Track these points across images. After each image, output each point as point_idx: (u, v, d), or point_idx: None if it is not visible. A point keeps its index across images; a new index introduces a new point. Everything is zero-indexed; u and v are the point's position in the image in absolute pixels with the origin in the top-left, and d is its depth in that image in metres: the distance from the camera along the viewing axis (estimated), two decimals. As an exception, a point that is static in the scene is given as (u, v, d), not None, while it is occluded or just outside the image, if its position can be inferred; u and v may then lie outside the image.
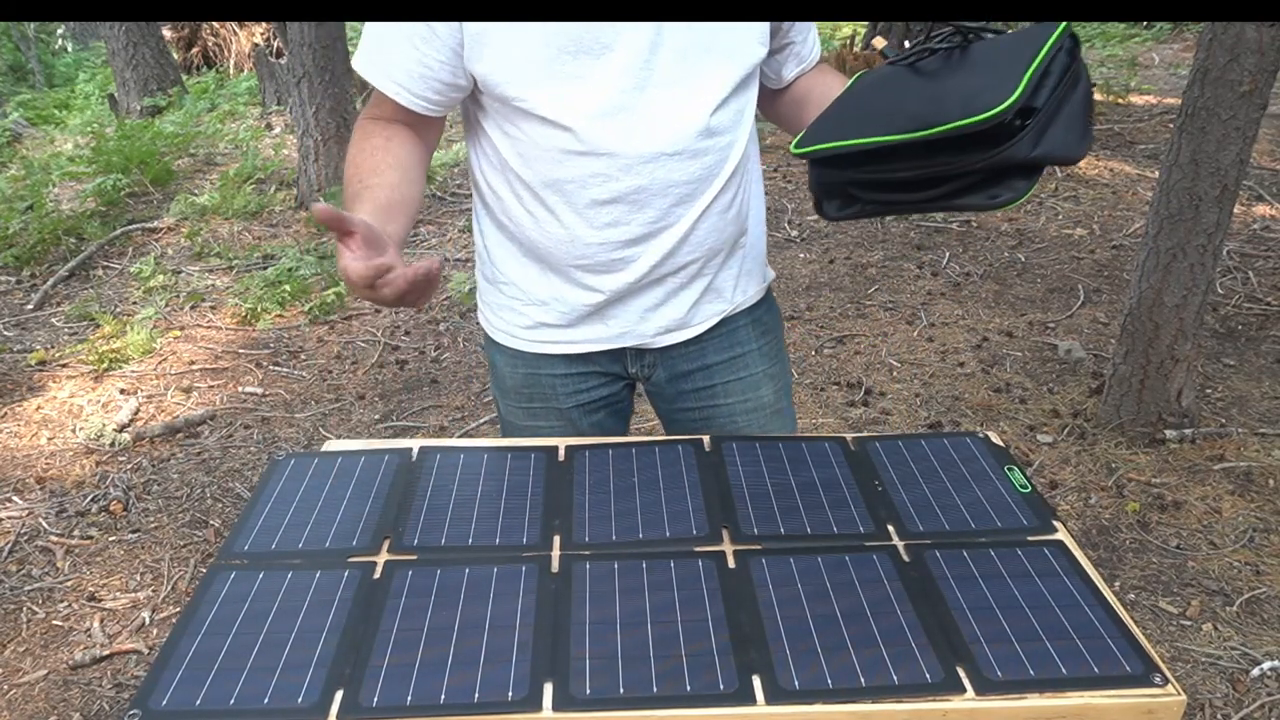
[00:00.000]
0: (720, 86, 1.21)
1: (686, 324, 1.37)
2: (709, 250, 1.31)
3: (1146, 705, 0.88)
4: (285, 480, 1.20)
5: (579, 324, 1.35)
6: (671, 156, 1.20)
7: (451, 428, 3.23)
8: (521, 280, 1.35)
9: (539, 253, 1.30)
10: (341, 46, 5.21)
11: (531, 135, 1.20)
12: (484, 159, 1.30)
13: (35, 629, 2.38)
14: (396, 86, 1.20)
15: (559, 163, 1.20)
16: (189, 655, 0.92)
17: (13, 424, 3.32)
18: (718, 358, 1.42)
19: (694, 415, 1.46)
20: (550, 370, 1.40)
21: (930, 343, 3.65)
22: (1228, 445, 2.86)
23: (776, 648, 0.92)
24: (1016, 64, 1.01)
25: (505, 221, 1.32)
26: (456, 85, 1.21)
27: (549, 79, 1.15)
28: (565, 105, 1.16)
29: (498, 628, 0.95)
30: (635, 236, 1.26)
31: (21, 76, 12.91)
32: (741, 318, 1.43)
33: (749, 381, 1.44)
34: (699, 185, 1.24)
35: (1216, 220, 2.64)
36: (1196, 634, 2.20)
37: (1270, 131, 5.61)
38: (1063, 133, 1.02)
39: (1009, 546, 1.07)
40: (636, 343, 1.37)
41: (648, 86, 1.17)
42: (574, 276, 1.30)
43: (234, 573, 1.03)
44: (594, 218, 1.24)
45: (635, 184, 1.21)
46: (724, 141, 1.24)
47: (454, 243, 4.97)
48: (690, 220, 1.26)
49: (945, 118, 1.01)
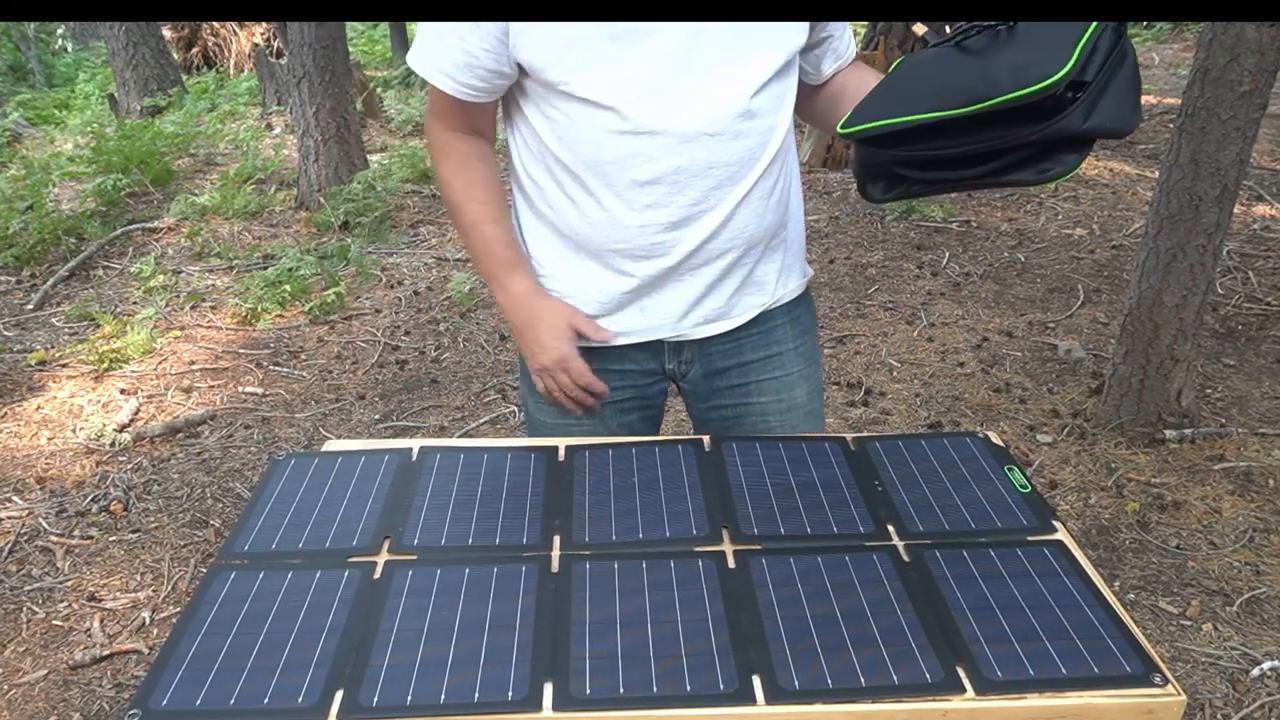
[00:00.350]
0: (762, 70, 1.22)
1: (726, 315, 1.37)
2: (749, 238, 1.32)
3: (1146, 705, 0.88)
4: (285, 480, 1.20)
5: (616, 314, 1.35)
6: (712, 137, 1.21)
7: (451, 428, 3.23)
8: (560, 271, 1.35)
9: (579, 239, 1.31)
10: (341, 46, 5.21)
11: (573, 117, 1.22)
12: (524, 147, 1.32)
13: (35, 629, 2.38)
14: (442, 75, 1.24)
15: (600, 144, 1.22)
16: (189, 655, 0.92)
17: (13, 424, 3.32)
18: (754, 355, 1.42)
19: (727, 414, 1.45)
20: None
21: (930, 343, 3.65)
22: (1228, 445, 2.86)
23: (776, 648, 0.92)
24: (1065, 39, 1.01)
25: (545, 210, 1.33)
26: (501, 73, 1.23)
27: (594, 62, 1.17)
28: (609, 86, 1.18)
29: (498, 628, 0.95)
30: (676, 220, 1.26)
31: (21, 76, 12.91)
32: (780, 315, 1.43)
33: (784, 381, 1.44)
34: (739, 168, 1.25)
35: (1216, 220, 2.64)
36: (1196, 634, 2.20)
37: (1270, 131, 5.61)
38: (1114, 104, 1.02)
39: (1009, 546, 1.07)
40: (674, 334, 1.37)
41: (690, 68, 1.19)
42: (613, 263, 1.31)
43: (234, 573, 1.03)
44: (634, 199, 1.25)
45: (676, 164, 1.22)
46: (764, 125, 1.25)
47: (454, 243, 4.97)
48: (731, 204, 1.27)
49: (997, 90, 1.02)
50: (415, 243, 4.99)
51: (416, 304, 4.26)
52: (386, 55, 10.78)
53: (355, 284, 4.46)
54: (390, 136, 7.21)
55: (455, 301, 4.23)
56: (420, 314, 4.15)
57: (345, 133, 5.28)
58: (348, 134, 5.30)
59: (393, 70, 9.68)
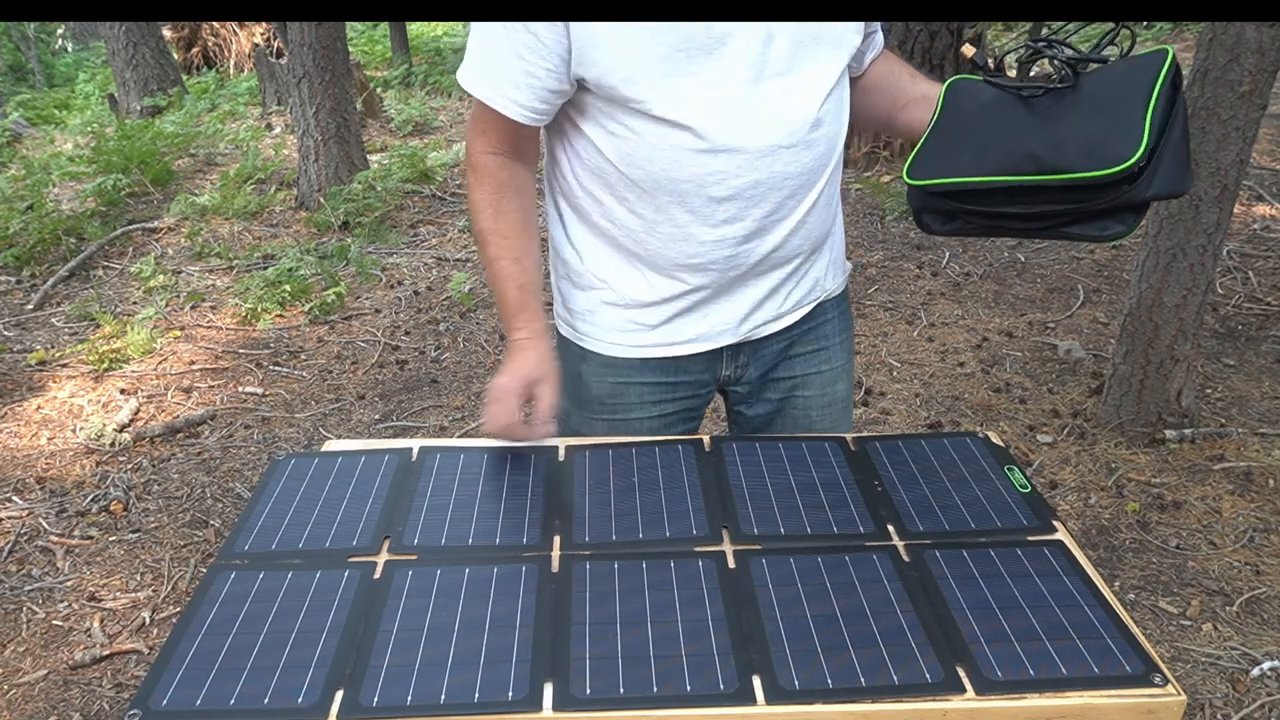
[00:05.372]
0: (828, 77, 1.21)
1: (783, 314, 1.37)
2: (814, 241, 1.32)
3: (1146, 705, 0.88)
4: (285, 480, 1.20)
5: (679, 323, 1.33)
6: (787, 149, 1.20)
7: (451, 428, 3.23)
8: (620, 284, 1.32)
9: (646, 255, 1.28)
10: (341, 46, 5.21)
11: (645, 135, 1.18)
12: (578, 162, 1.27)
13: (35, 629, 2.38)
14: (505, 100, 1.19)
15: (676, 162, 1.18)
16: (189, 655, 0.92)
17: (13, 424, 3.32)
18: (803, 349, 1.42)
19: (770, 409, 1.44)
20: (641, 379, 1.37)
21: (930, 343, 3.65)
22: (1228, 445, 2.86)
23: (776, 648, 0.92)
24: (1133, 104, 1.01)
25: (605, 224, 1.28)
26: (561, 92, 1.19)
27: (665, 78, 1.13)
28: (683, 104, 1.15)
29: (498, 628, 0.95)
30: (750, 232, 1.25)
31: (21, 76, 12.91)
32: (830, 309, 1.42)
33: (829, 375, 1.44)
34: (810, 176, 1.24)
35: (1216, 220, 2.64)
36: (1196, 634, 2.20)
37: (1270, 131, 5.61)
38: (1171, 168, 1.02)
39: (1009, 546, 1.08)
40: (735, 339, 1.35)
41: (762, 79, 1.16)
42: (681, 275, 1.28)
43: (234, 573, 1.03)
44: (710, 215, 1.22)
45: (753, 179, 1.20)
46: (832, 131, 1.25)
47: (454, 243, 4.97)
48: (802, 212, 1.26)
49: (1066, 165, 1.02)
50: (415, 243, 4.99)
51: (416, 304, 4.26)
52: (386, 55, 10.78)
53: (355, 284, 4.46)
54: (390, 136, 7.20)
55: (455, 301, 4.23)
56: (420, 314, 4.16)
57: (345, 133, 5.28)
58: (348, 134, 5.30)
59: (393, 70, 9.68)
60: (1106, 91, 1.05)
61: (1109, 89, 1.05)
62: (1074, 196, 1.05)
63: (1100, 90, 1.06)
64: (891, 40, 5.81)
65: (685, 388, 1.39)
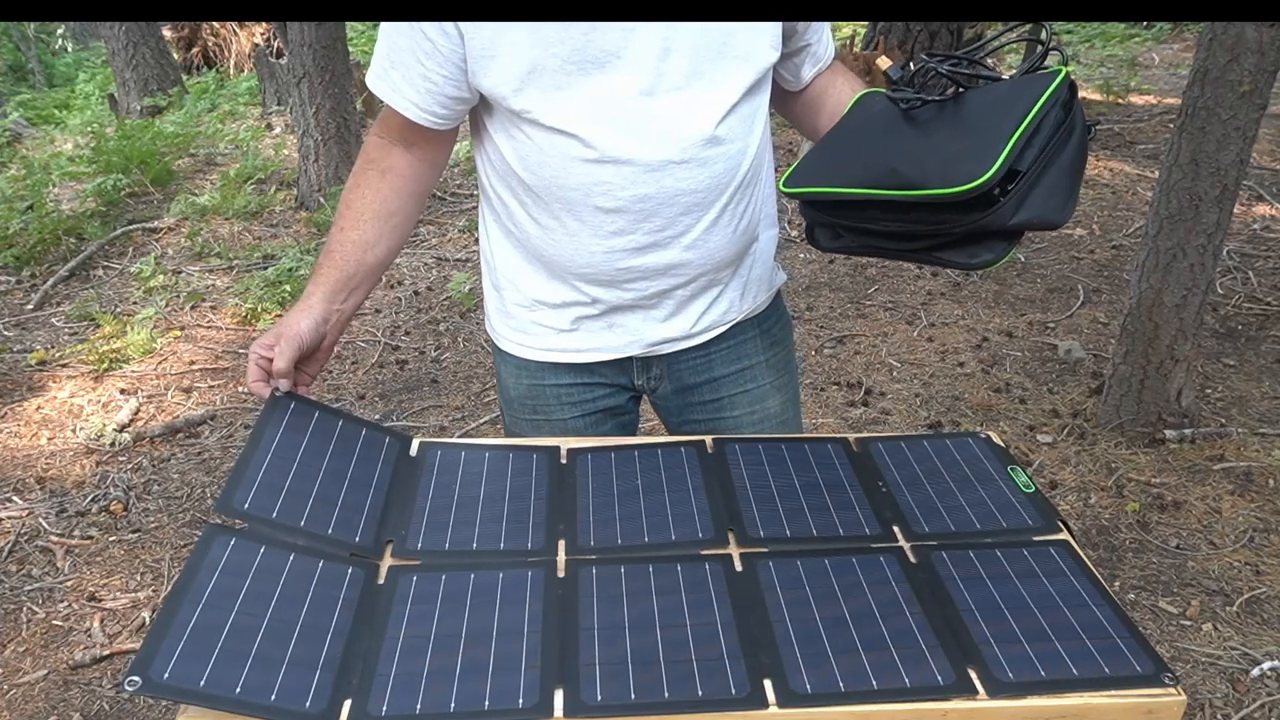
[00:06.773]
0: (731, 91, 1.19)
1: (694, 333, 1.36)
2: (718, 262, 1.29)
3: (1147, 705, 0.88)
4: (284, 430, 1.15)
5: (585, 332, 1.34)
6: (679, 165, 1.18)
7: (451, 428, 3.23)
8: (528, 287, 1.34)
9: (545, 260, 1.29)
10: (341, 46, 5.20)
11: (538, 142, 1.19)
12: (489, 165, 1.29)
13: (35, 629, 2.37)
14: (406, 102, 1.21)
15: (565, 169, 1.19)
16: (189, 626, 0.89)
17: (13, 424, 3.31)
18: (725, 370, 1.41)
19: (699, 427, 1.45)
20: (555, 380, 1.39)
21: (930, 343, 3.65)
22: (1228, 445, 2.86)
23: (787, 651, 0.92)
24: (1004, 124, 0.97)
25: (511, 228, 1.31)
26: (462, 99, 1.21)
27: (556, 89, 1.14)
28: (573, 114, 1.15)
29: (506, 634, 0.95)
30: (642, 246, 1.24)
31: (21, 76, 12.90)
32: (750, 328, 1.41)
33: (756, 394, 1.43)
34: (707, 195, 1.22)
35: (1216, 220, 2.64)
36: (1196, 634, 2.20)
37: (1270, 131, 5.62)
38: (1044, 199, 0.98)
39: (1015, 547, 1.07)
40: (642, 351, 1.36)
41: (656, 93, 1.15)
42: (579, 285, 1.29)
43: (234, 539, 1.00)
44: (600, 226, 1.22)
45: (642, 192, 1.19)
46: (733, 150, 1.22)
47: (454, 243, 4.96)
48: (699, 230, 1.24)
49: (923, 181, 0.99)
50: (415, 243, 4.99)
51: (416, 304, 4.26)
52: (385, 54, 10.76)
53: (355, 284, 4.45)
54: (389, 136, 7.19)
55: (455, 301, 4.22)
56: (420, 314, 4.15)
57: (345, 133, 5.28)
58: (348, 134, 5.30)
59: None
60: (982, 108, 1.01)
61: (986, 105, 1.01)
62: (937, 217, 1.01)
63: (977, 107, 1.02)
64: (892, 40, 5.81)
65: (602, 388, 1.40)
